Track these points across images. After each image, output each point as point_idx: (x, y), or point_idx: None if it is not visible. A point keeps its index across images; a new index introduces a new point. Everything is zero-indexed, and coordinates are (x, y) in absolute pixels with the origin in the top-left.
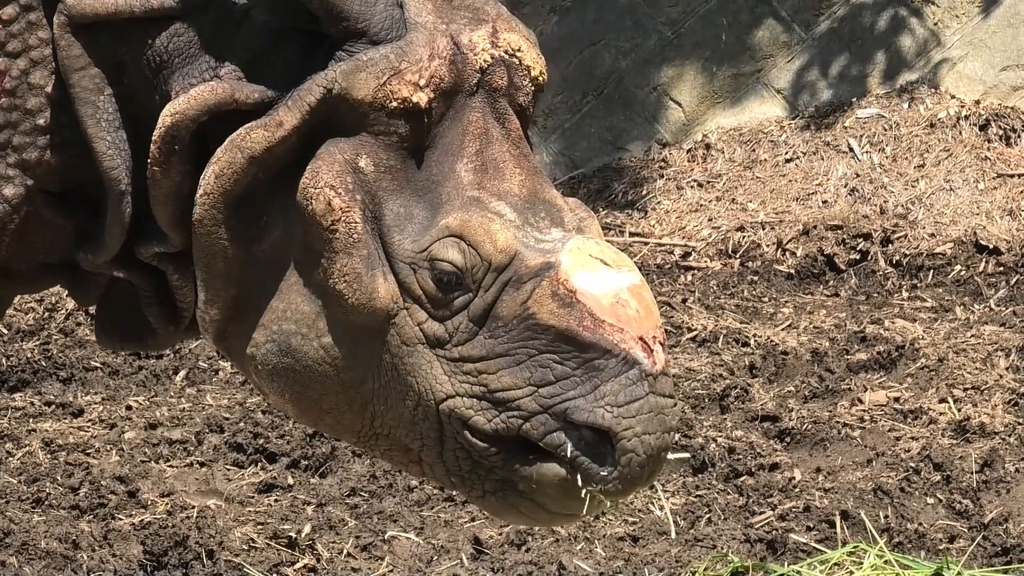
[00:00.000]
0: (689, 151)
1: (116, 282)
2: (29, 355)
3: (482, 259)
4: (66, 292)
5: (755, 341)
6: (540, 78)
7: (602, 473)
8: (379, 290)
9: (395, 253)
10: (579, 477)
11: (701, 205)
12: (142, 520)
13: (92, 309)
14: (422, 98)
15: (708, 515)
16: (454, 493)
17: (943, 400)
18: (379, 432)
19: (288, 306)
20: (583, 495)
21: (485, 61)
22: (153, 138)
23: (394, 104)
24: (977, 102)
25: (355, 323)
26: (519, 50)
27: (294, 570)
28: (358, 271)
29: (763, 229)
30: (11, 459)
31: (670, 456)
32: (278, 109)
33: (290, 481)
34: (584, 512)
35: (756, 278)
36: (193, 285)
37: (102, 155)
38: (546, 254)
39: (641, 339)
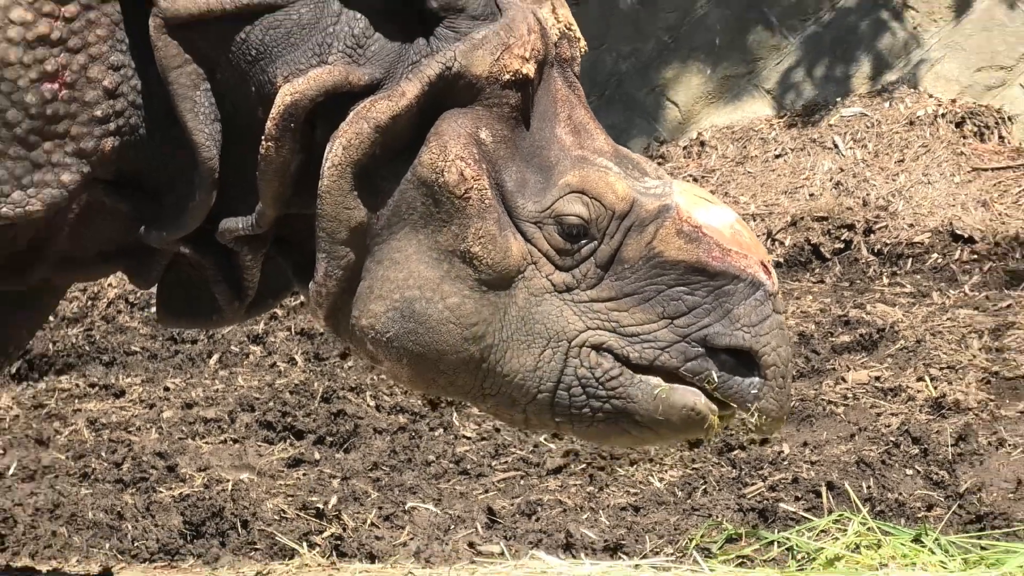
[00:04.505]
0: (685, 148)
1: (175, 265)
2: (74, 340)
3: (606, 209)
4: (108, 280)
5: None
6: (584, 49)
7: (752, 391)
8: (511, 248)
9: (519, 215)
10: (729, 400)
11: None
12: (181, 493)
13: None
14: (530, 69)
15: (704, 486)
16: (471, 466)
17: (920, 379)
18: (487, 392)
19: (409, 274)
20: (709, 423)
21: (555, 35)
22: (270, 116)
23: (507, 77)
24: (953, 101)
25: (484, 281)
26: (572, 25)
27: (322, 538)
28: (492, 233)
29: (754, 220)
30: (59, 437)
31: None
32: (399, 82)
33: (316, 456)
34: (705, 438)
35: None
36: (260, 266)
37: (200, 146)
38: (659, 198)
39: (761, 262)
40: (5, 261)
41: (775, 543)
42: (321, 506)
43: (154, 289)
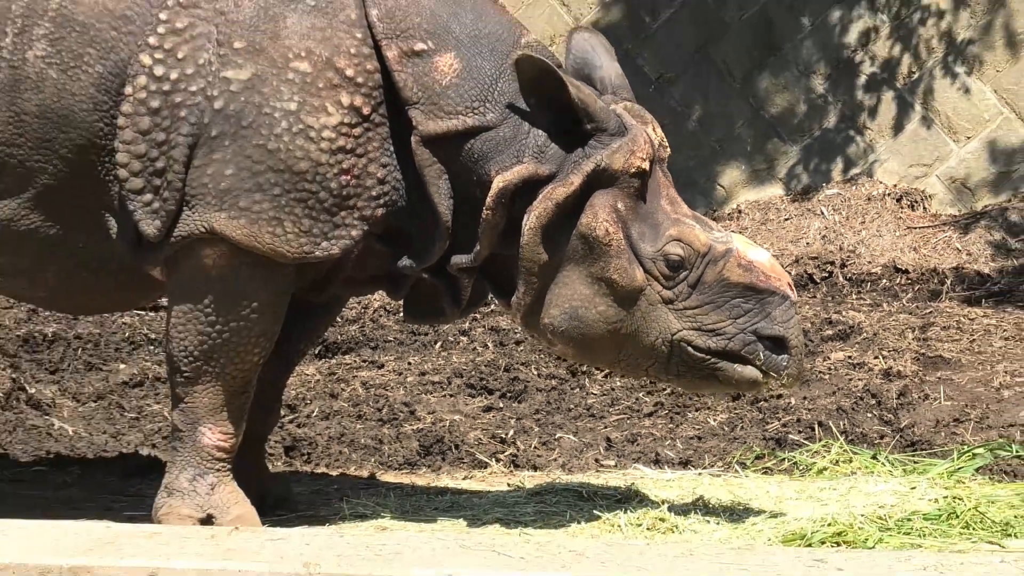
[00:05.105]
0: (728, 214)
1: (416, 285)
2: (352, 333)
3: (694, 250)
4: (376, 295)
5: None
6: (668, 152)
7: (783, 364)
8: (637, 275)
9: (641, 254)
10: (766, 368)
11: None
12: (417, 428)
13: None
14: (646, 166)
15: (740, 424)
16: (595, 411)
17: (876, 357)
18: (623, 359)
19: (573, 291)
20: (761, 385)
21: (656, 143)
22: (489, 195)
23: (633, 170)
24: (895, 185)
25: (620, 296)
26: (663, 138)
27: (503, 456)
28: (625, 266)
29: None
30: (343, 392)
31: None
32: (568, 175)
33: (500, 405)
34: (756, 394)
35: None
36: (469, 286)
37: (442, 214)
38: (724, 243)
39: (788, 283)
40: (313, 283)
41: (786, 460)
42: (503, 436)
43: (402, 300)
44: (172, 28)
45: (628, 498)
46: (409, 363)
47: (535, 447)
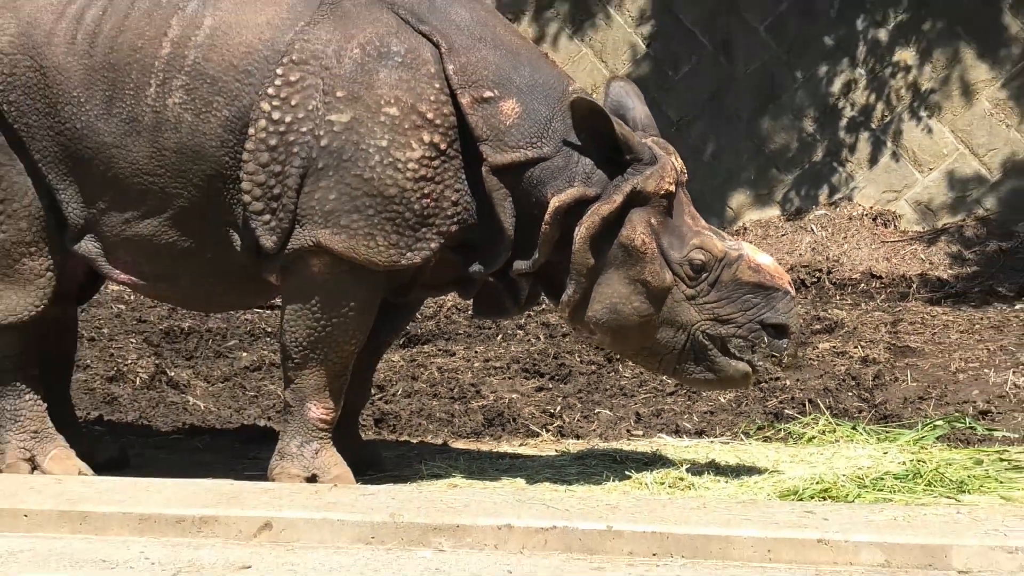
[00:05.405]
0: (735, 232)
1: (483, 286)
2: (430, 327)
3: (713, 256)
4: (448, 296)
5: None
6: (687, 177)
7: (783, 346)
8: (667, 277)
9: (669, 260)
10: (770, 351)
11: None
12: (481, 404)
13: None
14: (672, 188)
15: (745, 401)
16: (627, 390)
17: (856, 347)
18: (647, 349)
19: (613, 290)
20: (750, 380)
21: (679, 169)
22: (547, 213)
23: (662, 192)
24: (871, 207)
25: (652, 294)
26: (683, 167)
27: (552, 427)
28: (657, 270)
29: None
30: (422, 375)
31: None
32: (611, 195)
33: (549, 386)
34: (743, 389)
35: None
36: (527, 288)
37: (506, 229)
38: (737, 250)
39: (788, 282)
40: (398, 287)
41: (782, 430)
42: (552, 411)
43: (471, 300)
44: (287, 80)
45: (653, 461)
46: (475, 351)
47: (578, 420)
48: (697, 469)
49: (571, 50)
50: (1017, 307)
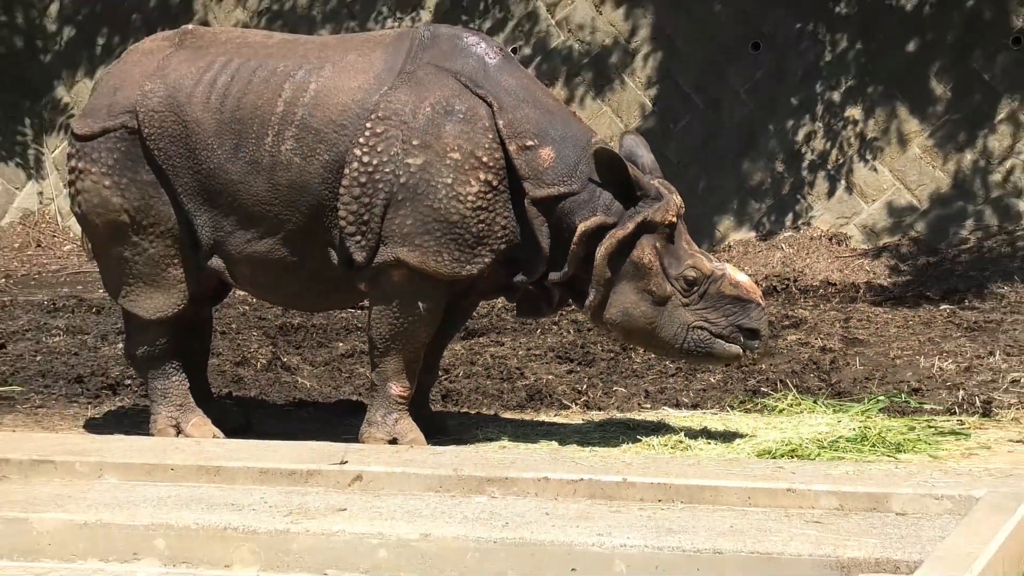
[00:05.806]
0: (723, 249)
1: (524, 292)
2: (484, 323)
3: (703, 274)
4: (498, 299)
5: None
6: (684, 209)
7: (755, 344)
8: (667, 288)
9: (669, 275)
10: (745, 347)
11: None
12: (525, 383)
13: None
14: (675, 219)
15: (730, 381)
16: (638, 372)
17: (816, 339)
18: (654, 342)
19: (625, 298)
20: (739, 360)
21: (680, 204)
22: (576, 236)
23: (667, 223)
24: (827, 230)
25: (656, 301)
26: (682, 202)
27: (579, 401)
28: (660, 282)
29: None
30: (477, 361)
31: None
32: (625, 223)
33: (577, 369)
34: (734, 366)
35: None
36: (559, 294)
37: (543, 248)
38: (721, 270)
39: (760, 295)
40: (459, 292)
41: (759, 404)
42: (579, 389)
43: (515, 302)
44: (374, 132)
45: (659, 428)
46: (520, 342)
47: (600, 396)
48: (693, 434)
49: (594, 108)
50: (942, 307)
